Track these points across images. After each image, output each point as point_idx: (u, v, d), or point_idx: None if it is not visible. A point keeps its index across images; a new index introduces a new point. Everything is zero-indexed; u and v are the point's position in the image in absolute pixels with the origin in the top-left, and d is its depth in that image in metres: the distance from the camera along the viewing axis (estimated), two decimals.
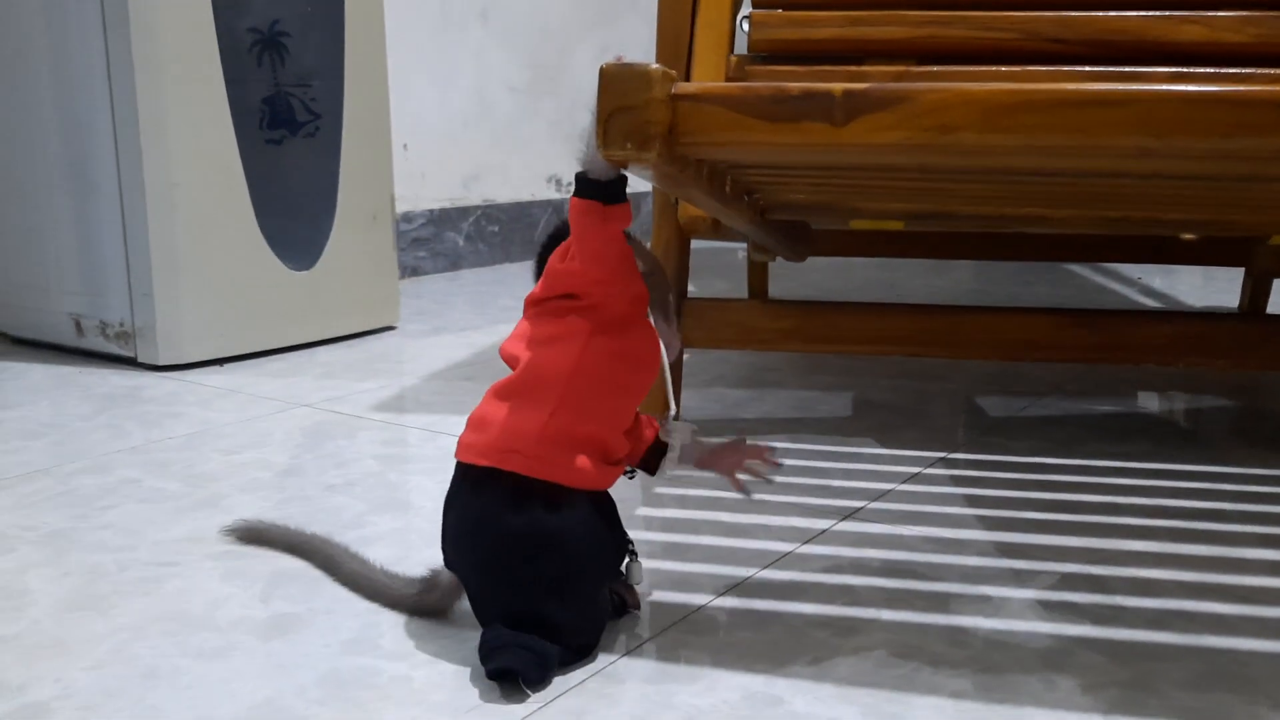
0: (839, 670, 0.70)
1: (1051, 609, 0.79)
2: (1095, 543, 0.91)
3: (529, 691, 0.67)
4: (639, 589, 0.80)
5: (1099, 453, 1.16)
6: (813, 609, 0.79)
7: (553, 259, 0.73)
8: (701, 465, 0.82)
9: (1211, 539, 0.92)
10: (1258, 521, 0.96)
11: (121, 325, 1.58)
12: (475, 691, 0.67)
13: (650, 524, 0.96)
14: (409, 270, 2.50)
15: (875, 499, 1.02)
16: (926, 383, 1.48)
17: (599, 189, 0.71)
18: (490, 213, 2.72)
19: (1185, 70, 1.09)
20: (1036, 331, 1.16)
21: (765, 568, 0.86)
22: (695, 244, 2.92)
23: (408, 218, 2.49)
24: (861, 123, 0.66)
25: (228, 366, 1.59)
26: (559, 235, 0.76)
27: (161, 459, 1.15)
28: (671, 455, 0.79)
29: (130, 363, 1.59)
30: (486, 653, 0.68)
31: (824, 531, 0.94)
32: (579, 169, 0.71)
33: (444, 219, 2.60)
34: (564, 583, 0.69)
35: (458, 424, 0.82)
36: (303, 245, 1.71)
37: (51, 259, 1.64)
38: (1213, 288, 2.27)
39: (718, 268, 2.54)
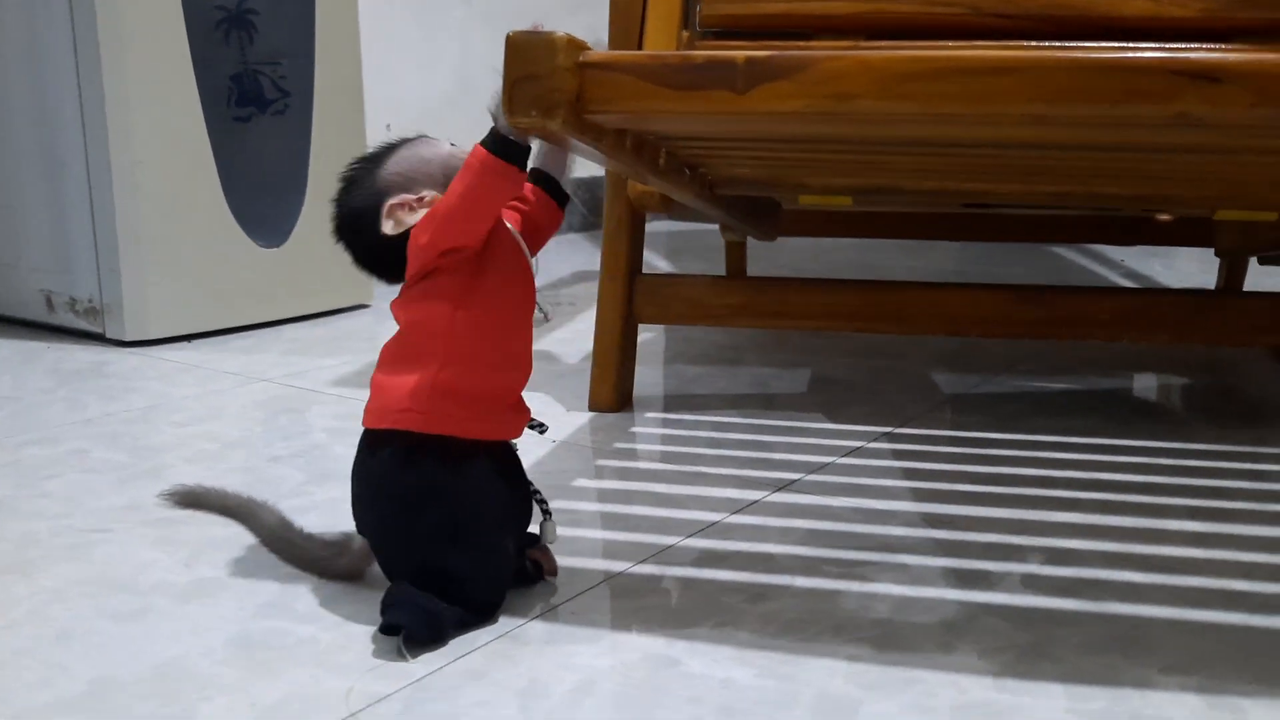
0: (741, 634, 0.71)
1: (965, 577, 0.80)
2: (1022, 514, 0.92)
3: (406, 655, 0.67)
4: (555, 555, 0.80)
5: (1043, 428, 1.16)
6: (728, 575, 0.80)
7: (413, 238, 0.72)
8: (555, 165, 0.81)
9: (1139, 511, 0.92)
10: (1188, 495, 0.96)
11: (90, 301, 1.60)
12: (379, 652, 0.68)
13: (586, 494, 0.97)
14: None
15: (813, 471, 1.02)
16: (885, 360, 1.49)
17: (510, 149, 0.70)
18: None
19: (1128, 45, 1.09)
20: (982, 307, 1.16)
21: (689, 536, 0.87)
22: (680, 226, 2.92)
23: None
24: (762, 90, 0.67)
25: (195, 343, 1.60)
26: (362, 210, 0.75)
27: (113, 431, 1.16)
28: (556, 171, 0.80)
29: (99, 338, 1.60)
30: (382, 609, 0.69)
31: (755, 502, 0.95)
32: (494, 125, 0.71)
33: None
34: (459, 534, 0.70)
35: None
36: (273, 223, 1.71)
37: (23, 235, 1.66)
38: (1212, 270, 2.27)
39: (701, 250, 2.54)
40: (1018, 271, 2.19)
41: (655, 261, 2.46)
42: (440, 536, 0.70)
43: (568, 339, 1.62)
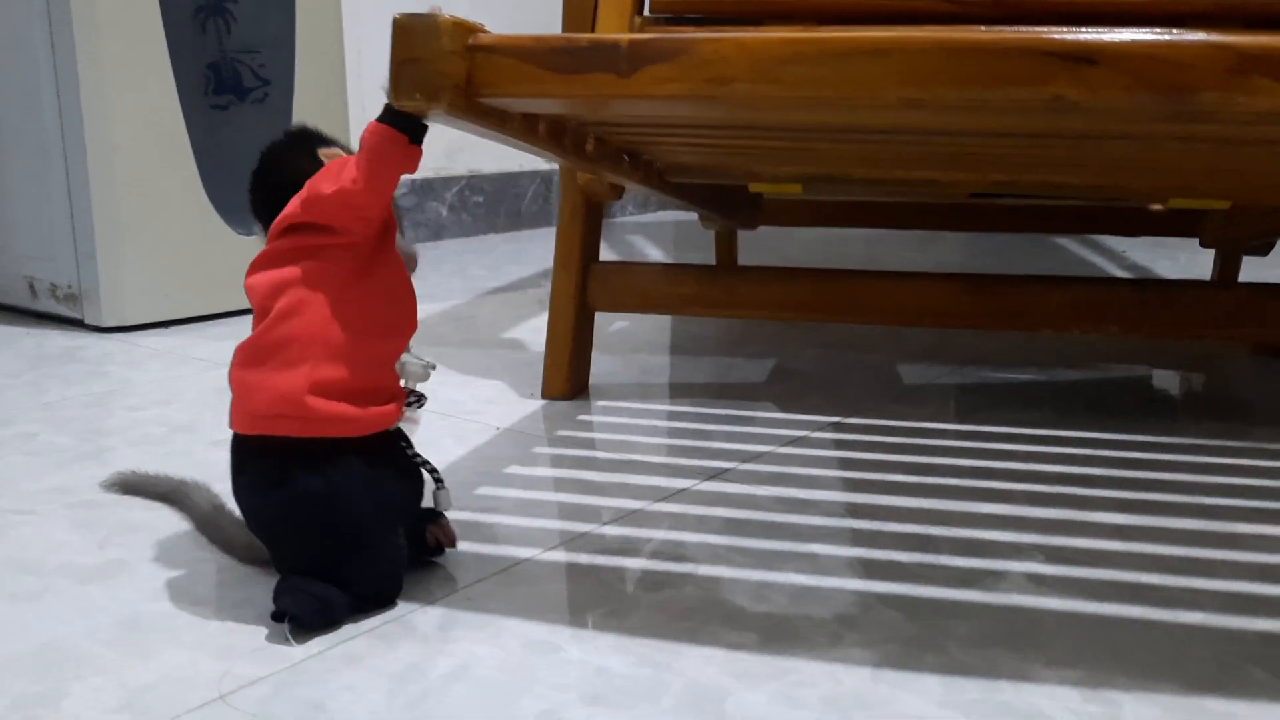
0: (629, 622, 0.71)
1: (871, 568, 0.79)
2: (946, 505, 0.91)
3: (291, 640, 0.68)
4: (470, 540, 0.80)
5: (993, 419, 1.15)
6: (633, 563, 0.80)
7: (308, 188, 0.71)
8: None
9: (1065, 503, 0.91)
10: (1122, 487, 0.95)
11: (69, 288, 1.62)
12: (263, 636, 0.69)
13: (514, 481, 0.97)
14: None
15: (748, 460, 1.02)
16: (853, 353, 1.47)
17: (407, 124, 0.69)
18: (475, 183, 2.73)
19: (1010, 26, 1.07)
20: (933, 298, 1.15)
21: (606, 524, 0.87)
22: (689, 218, 2.91)
23: None
24: (645, 74, 0.66)
25: (174, 329, 1.61)
26: (280, 172, 0.75)
27: (66, 415, 1.17)
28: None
29: (78, 324, 1.62)
30: (275, 596, 0.69)
31: (681, 491, 0.94)
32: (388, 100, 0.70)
33: (426, 189, 2.62)
34: (345, 540, 0.70)
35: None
36: None
37: (6, 222, 1.68)
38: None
39: (703, 242, 2.53)
40: (1018, 264, 2.16)
41: (650, 252, 2.45)
42: (324, 544, 0.70)
43: (540, 328, 1.61)
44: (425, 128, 0.71)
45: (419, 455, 0.77)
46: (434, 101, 0.67)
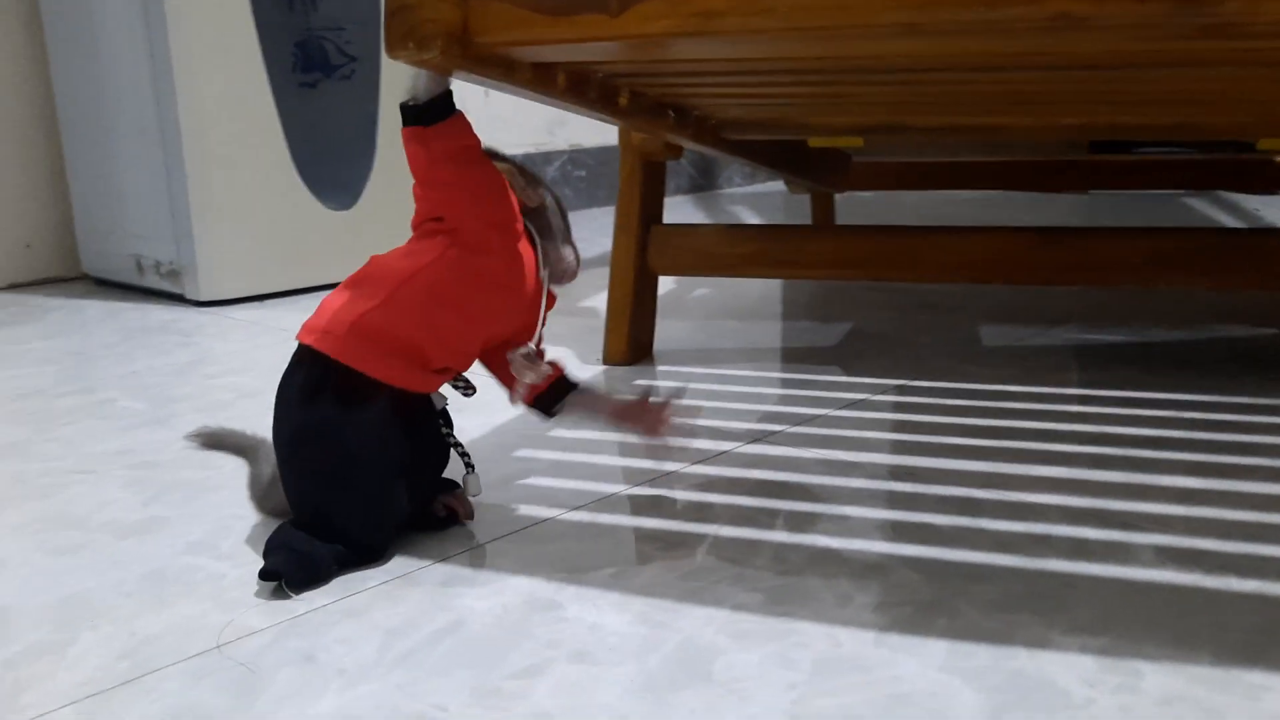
0: (636, 581, 0.69)
1: (901, 530, 0.75)
2: (999, 468, 0.86)
3: (289, 592, 0.68)
4: (499, 500, 0.80)
5: (1072, 381, 1.08)
6: (653, 524, 0.78)
7: (414, 188, 0.75)
8: (616, 419, 0.81)
9: (1130, 465, 0.85)
10: (1195, 450, 0.88)
11: (171, 264, 1.68)
12: (272, 589, 0.69)
13: (555, 443, 0.96)
14: None
15: (799, 423, 0.98)
16: (933, 315, 1.41)
17: (416, 113, 0.71)
18: (577, 157, 2.73)
19: None
20: (1002, 251, 1.09)
21: (636, 485, 0.85)
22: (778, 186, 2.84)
23: None
24: (634, 13, 0.64)
25: (267, 303, 1.66)
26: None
27: (146, 382, 1.22)
28: (574, 399, 0.80)
29: (179, 299, 1.68)
30: (265, 553, 0.70)
31: (723, 453, 0.91)
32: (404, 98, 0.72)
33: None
34: (341, 475, 0.71)
35: None
36: (342, 186, 1.76)
37: (116, 203, 1.75)
38: None
39: (798, 207, 2.48)
40: (1136, 223, 2.04)
41: (750, 219, 2.41)
42: (323, 474, 0.71)
43: None
44: (432, 104, 0.71)
45: (454, 438, 0.77)
46: (426, 50, 0.66)
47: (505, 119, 2.55)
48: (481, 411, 1.04)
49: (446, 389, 0.78)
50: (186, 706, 0.57)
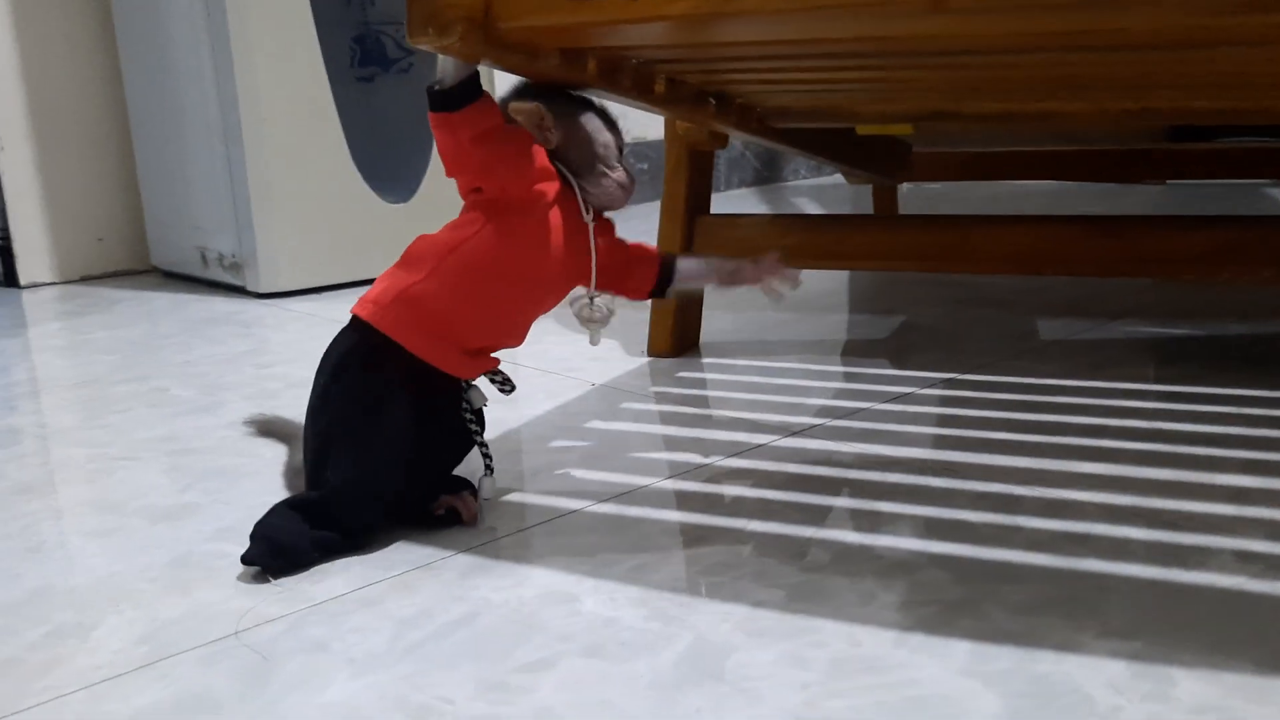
0: (656, 575, 0.68)
1: (933, 527, 0.73)
2: (1043, 464, 0.83)
3: (270, 577, 0.69)
4: (526, 492, 0.79)
5: (1128, 376, 1.04)
6: (681, 517, 0.76)
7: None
8: (728, 282, 0.83)
9: (1181, 463, 0.81)
10: (1253, 447, 0.84)
11: (233, 257, 1.71)
12: (294, 577, 0.70)
13: (591, 435, 0.95)
14: None
15: (841, 416, 0.96)
16: (989, 308, 1.37)
17: (441, 98, 0.71)
18: (640, 150, 2.72)
19: None
20: (1055, 242, 1.05)
21: (668, 478, 0.84)
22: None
23: None
24: None
25: (325, 295, 1.68)
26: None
27: (200, 371, 1.24)
28: (685, 269, 0.82)
29: (241, 291, 1.71)
30: (250, 536, 0.71)
31: (758, 447, 0.90)
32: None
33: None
34: (345, 439, 0.71)
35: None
36: (400, 179, 1.77)
37: (182, 197, 1.79)
38: None
39: (866, 200, 2.44)
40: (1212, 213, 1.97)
41: (813, 212, 2.38)
42: (332, 435, 0.72)
43: None
44: (457, 89, 0.71)
45: (480, 436, 0.77)
46: (446, 35, 0.66)
47: None
48: (523, 403, 1.04)
49: (486, 386, 0.78)
50: (196, 692, 0.57)
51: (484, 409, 0.78)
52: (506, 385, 0.79)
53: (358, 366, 0.73)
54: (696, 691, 0.55)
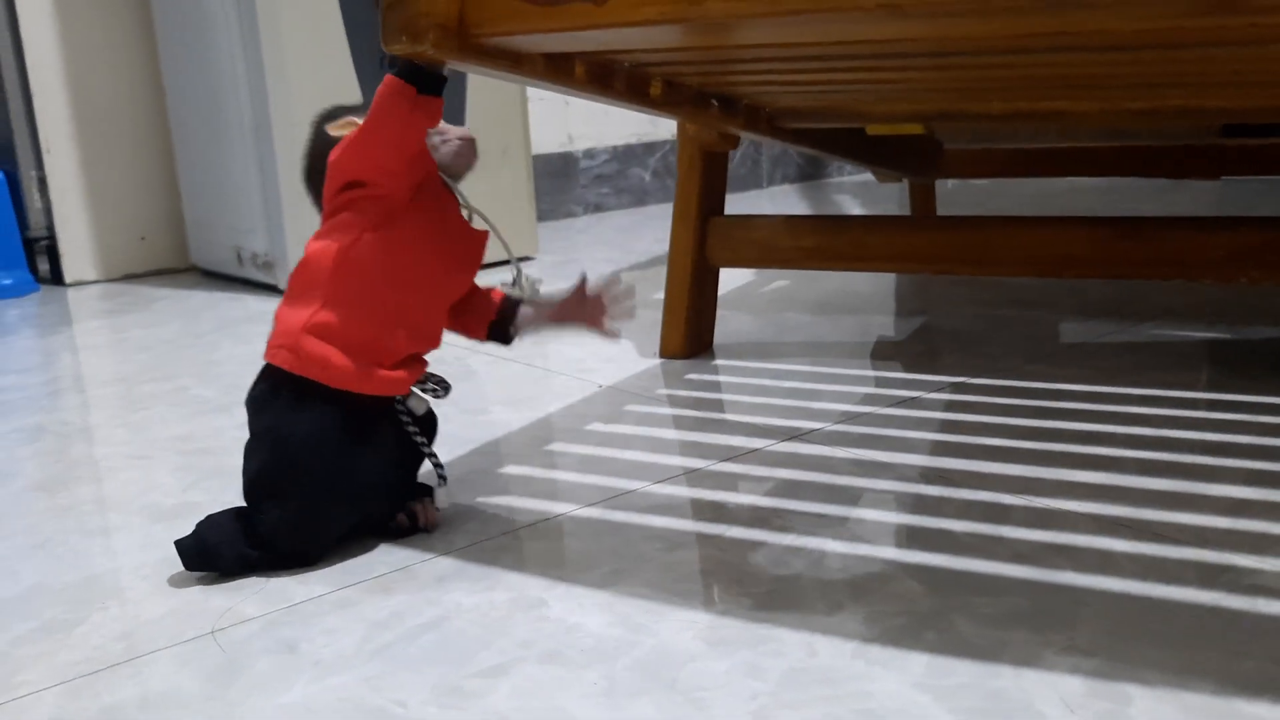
0: (628, 581, 0.68)
1: (915, 536, 0.72)
2: (1039, 472, 0.81)
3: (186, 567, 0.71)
4: (521, 495, 0.80)
5: (1146, 381, 1.02)
6: (664, 523, 0.76)
7: (331, 154, 0.73)
8: (558, 319, 0.81)
9: (1183, 473, 0.79)
10: (1263, 457, 0.82)
11: (265, 256, 1.74)
12: (276, 578, 0.71)
13: (589, 437, 0.96)
14: (592, 207, 2.56)
15: (841, 421, 0.95)
16: (1013, 310, 1.35)
17: (416, 73, 0.70)
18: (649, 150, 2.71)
19: None
20: (1074, 245, 1.03)
21: (657, 482, 0.84)
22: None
23: (590, 154, 2.54)
24: (618, 1, 0.63)
25: None
26: (318, 152, 0.76)
27: (222, 371, 1.26)
28: (524, 313, 0.80)
29: (274, 290, 1.74)
30: (196, 525, 0.72)
31: (753, 451, 0.89)
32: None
33: (629, 155, 2.63)
34: (281, 485, 0.71)
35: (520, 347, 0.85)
36: None
37: (219, 197, 1.83)
38: None
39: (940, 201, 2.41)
40: (1267, 211, 1.92)
41: (854, 210, 2.36)
42: (262, 481, 0.71)
43: None
44: (437, 78, 0.71)
45: (429, 447, 0.77)
46: (419, 43, 0.67)
47: (605, 108, 2.55)
48: (528, 405, 1.04)
49: (421, 392, 0.78)
50: (164, 691, 0.58)
51: (432, 413, 0.78)
52: (440, 389, 0.79)
53: (281, 409, 0.71)
54: (646, 700, 0.55)
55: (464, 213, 0.78)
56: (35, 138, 1.86)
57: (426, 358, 0.78)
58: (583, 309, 0.81)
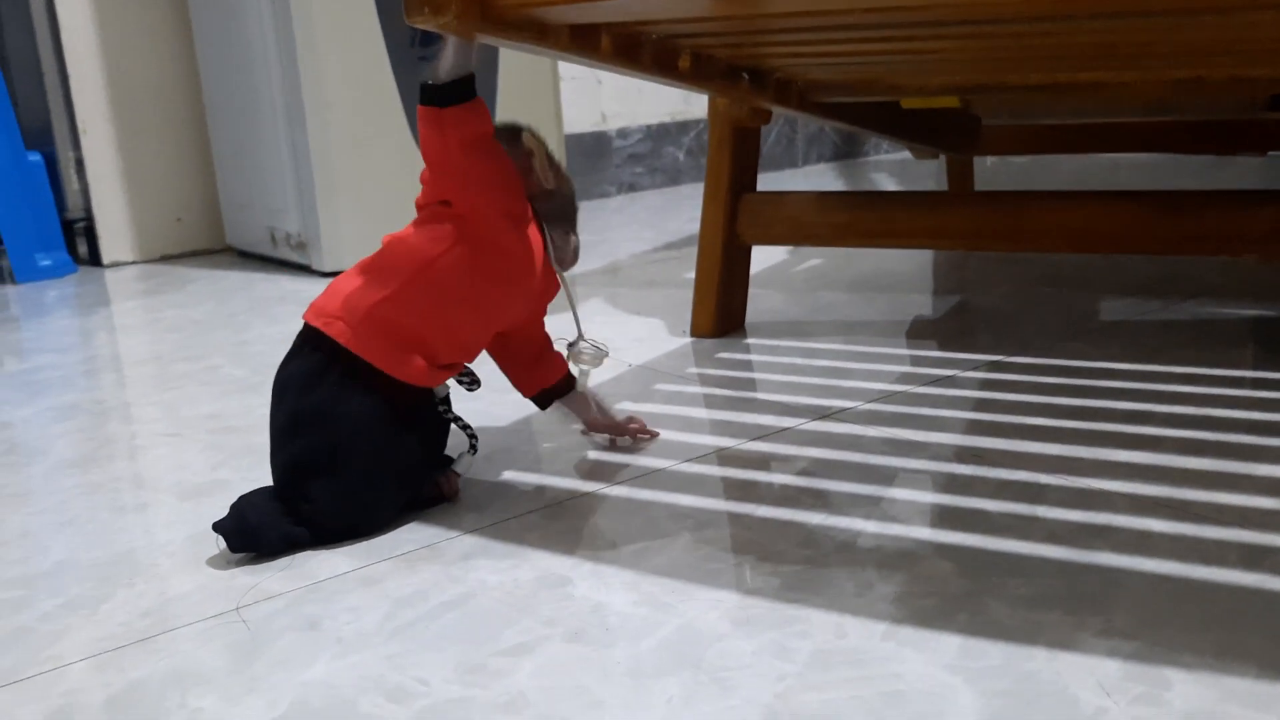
0: (655, 560, 0.67)
1: (948, 516, 0.70)
2: (1076, 451, 0.79)
3: (228, 549, 0.70)
4: (545, 474, 0.80)
5: (1186, 360, 1.00)
6: (693, 501, 0.75)
7: (423, 171, 0.75)
8: (592, 427, 0.85)
9: (1226, 452, 0.77)
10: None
11: (299, 236, 1.74)
12: (308, 554, 0.71)
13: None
14: (626, 186, 2.54)
15: (874, 400, 0.94)
16: (1052, 288, 1.33)
17: (433, 93, 0.70)
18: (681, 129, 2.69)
19: None
20: (1110, 220, 1.00)
21: (685, 461, 0.83)
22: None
23: (623, 134, 2.53)
24: None
25: None
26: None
27: (254, 350, 1.26)
28: (575, 399, 0.84)
29: (307, 270, 1.75)
30: (231, 506, 0.72)
31: (784, 430, 0.88)
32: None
33: (662, 134, 2.61)
34: (334, 463, 0.70)
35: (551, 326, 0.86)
36: None
37: (253, 178, 1.83)
38: None
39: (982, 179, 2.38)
40: None
41: (891, 188, 2.33)
42: (311, 459, 0.71)
43: None
44: (456, 85, 0.70)
45: (458, 416, 0.77)
46: (441, 14, 0.66)
47: (639, 87, 2.54)
48: None
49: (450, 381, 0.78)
50: (187, 666, 0.58)
51: (448, 394, 0.79)
52: (474, 384, 0.80)
53: (332, 388, 0.71)
54: (671, 680, 0.54)
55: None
56: (72, 120, 1.87)
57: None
58: (613, 430, 0.86)
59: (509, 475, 0.82)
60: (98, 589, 0.68)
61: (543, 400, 0.84)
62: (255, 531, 0.70)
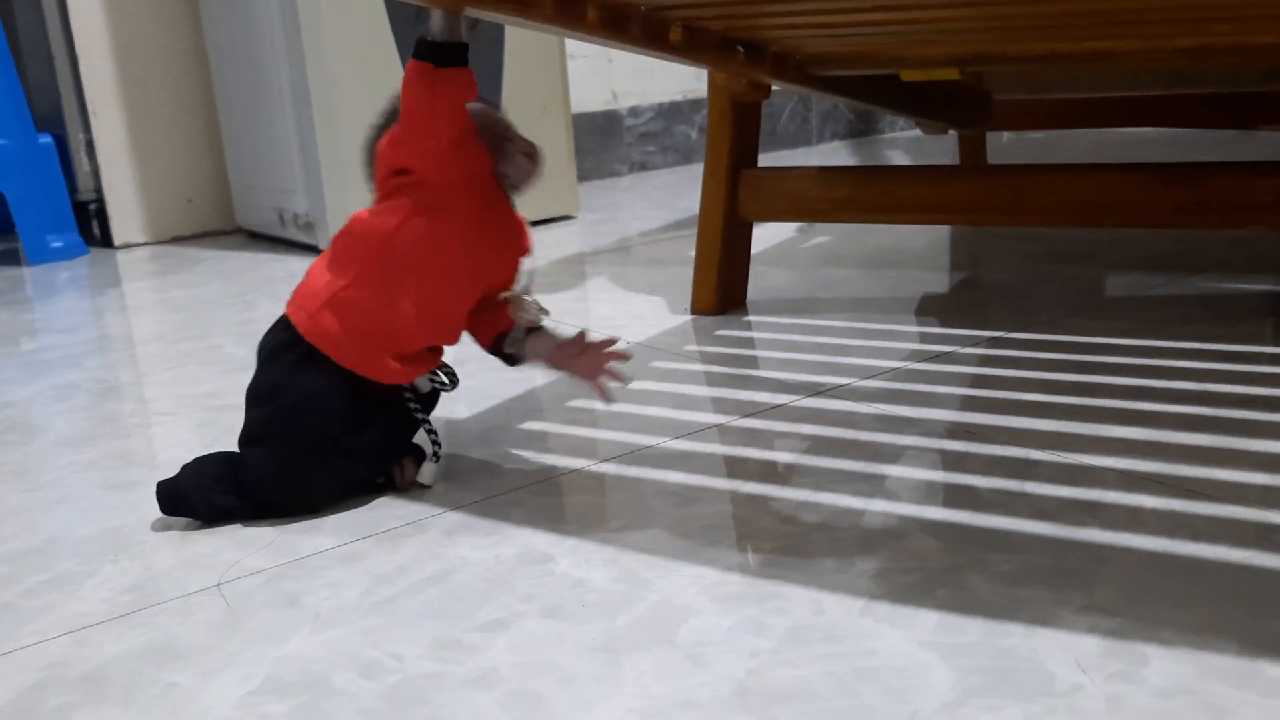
0: (637, 537, 0.66)
1: (935, 492, 0.70)
2: (1070, 427, 0.78)
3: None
4: (527, 451, 0.79)
5: (1190, 335, 0.98)
6: (679, 478, 0.75)
7: (379, 143, 0.73)
8: (555, 364, 0.79)
9: (1222, 428, 0.76)
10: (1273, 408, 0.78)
11: (306, 216, 1.74)
12: (284, 530, 0.71)
13: None
14: (637, 165, 2.53)
15: (870, 376, 0.93)
16: (1058, 264, 1.31)
17: (430, 49, 0.70)
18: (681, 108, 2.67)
19: None
20: (1114, 192, 0.99)
21: (676, 438, 0.82)
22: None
23: (635, 112, 2.51)
24: None
25: None
26: (385, 125, 0.75)
27: (258, 329, 1.25)
28: (515, 335, 0.78)
29: (315, 250, 1.75)
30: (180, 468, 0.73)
31: (776, 407, 0.87)
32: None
33: (674, 112, 2.59)
34: (272, 435, 0.71)
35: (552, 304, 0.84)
36: None
37: (261, 159, 1.83)
38: None
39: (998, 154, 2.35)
40: None
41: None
42: (256, 428, 0.72)
43: None
44: (455, 48, 0.69)
45: (429, 423, 0.76)
46: None
47: (650, 65, 2.52)
48: None
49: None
50: (165, 641, 0.58)
51: (435, 391, 0.78)
52: (449, 383, 0.78)
53: (288, 366, 0.72)
54: (644, 656, 0.54)
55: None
56: (82, 102, 1.88)
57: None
58: (580, 360, 0.78)
59: (497, 452, 0.82)
60: (83, 565, 0.68)
61: (499, 345, 0.79)
62: (187, 497, 0.72)
